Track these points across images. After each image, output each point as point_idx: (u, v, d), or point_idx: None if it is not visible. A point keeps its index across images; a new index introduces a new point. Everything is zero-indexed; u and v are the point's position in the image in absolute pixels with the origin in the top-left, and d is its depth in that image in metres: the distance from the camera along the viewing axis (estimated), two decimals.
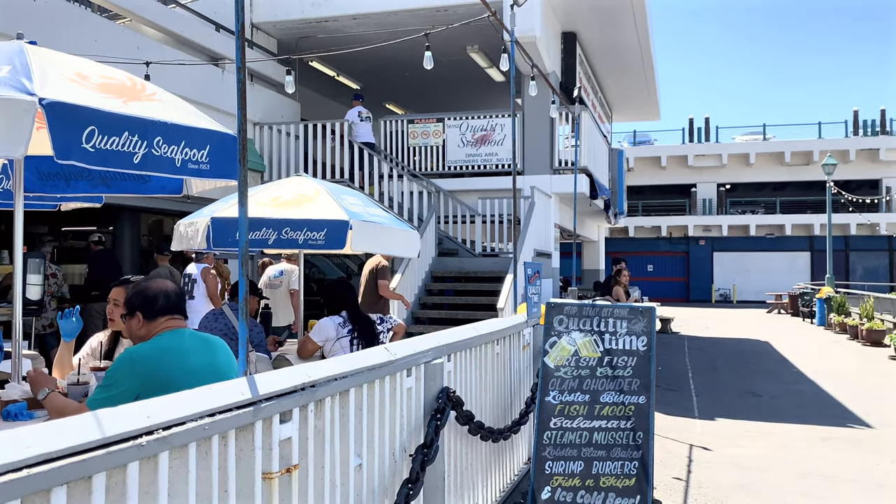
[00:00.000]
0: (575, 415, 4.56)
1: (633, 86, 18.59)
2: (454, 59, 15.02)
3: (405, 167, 13.49)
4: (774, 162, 40.10)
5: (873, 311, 19.38)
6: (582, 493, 4.32)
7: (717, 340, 18.54)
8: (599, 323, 4.79)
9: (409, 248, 5.98)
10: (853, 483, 6.14)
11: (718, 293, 40.54)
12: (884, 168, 38.12)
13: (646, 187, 41.67)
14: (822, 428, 8.42)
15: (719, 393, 10.84)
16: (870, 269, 38.98)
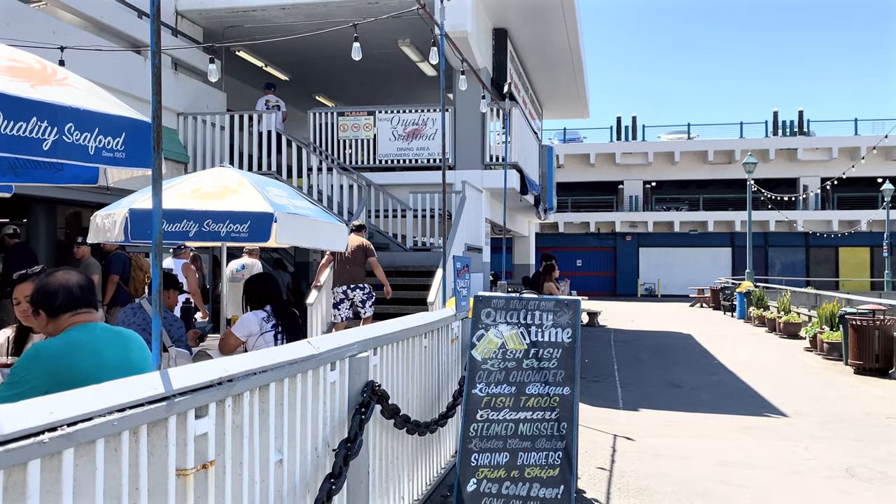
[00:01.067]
0: (501, 407, 4.59)
1: (563, 83, 18.85)
2: (386, 53, 14.94)
3: (335, 160, 13.35)
4: (698, 160, 41.31)
5: (790, 305, 20.18)
6: (507, 484, 4.36)
7: (641, 333, 18.99)
8: (526, 316, 4.83)
9: (337, 241, 5.92)
10: (770, 470, 6.37)
11: (644, 287, 41.58)
12: (801, 167, 39.73)
13: (575, 184, 42.36)
14: (741, 417, 8.72)
15: (643, 384, 11.11)
16: (787, 264, 40.60)
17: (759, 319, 21.31)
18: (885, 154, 38.70)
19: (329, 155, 13.52)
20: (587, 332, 19.28)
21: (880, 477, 6.17)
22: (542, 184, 16.76)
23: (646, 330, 19.89)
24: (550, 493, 4.30)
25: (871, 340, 12.40)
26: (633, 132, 42.70)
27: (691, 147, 41.16)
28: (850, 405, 9.63)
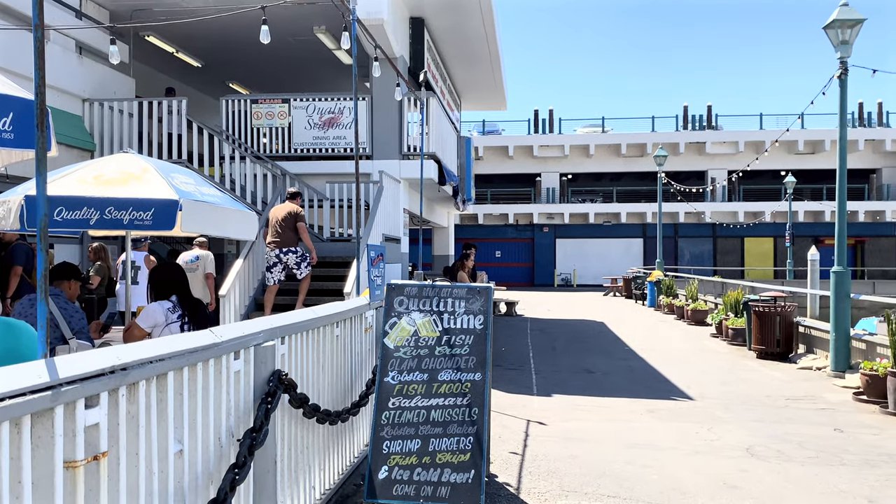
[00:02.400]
0: (413, 394, 4.60)
1: (481, 75, 18.97)
2: (302, 40, 14.69)
3: (249, 149, 13.06)
4: (612, 153, 42.36)
5: (697, 293, 20.95)
6: (419, 470, 4.37)
7: (557, 322, 19.36)
8: (439, 303, 4.85)
9: (247, 229, 5.79)
10: (675, 450, 6.60)
11: (560, 278, 42.40)
12: (709, 160, 41.25)
13: (494, 176, 42.79)
14: (649, 401, 9.00)
15: (557, 371, 11.33)
16: (696, 254, 42.12)
17: (669, 307, 22.03)
18: (787, 148, 40.58)
19: (242, 143, 13.22)
20: (505, 321, 19.54)
21: (777, 455, 6.48)
22: (460, 175, 16.85)
23: (561, 319, 20.29)
24: (461, 477, 4.33)
25: (772, 326, 12.98)
26: (550, 125, 43.44)
27: (605, 140, 42.15)
28: (752, 388, 10.07)
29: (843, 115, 10.96)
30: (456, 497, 4.30)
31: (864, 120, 41.54)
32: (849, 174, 10.79)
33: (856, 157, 40.17)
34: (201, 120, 13.28)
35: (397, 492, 4.33)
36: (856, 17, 10.54)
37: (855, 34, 10.67)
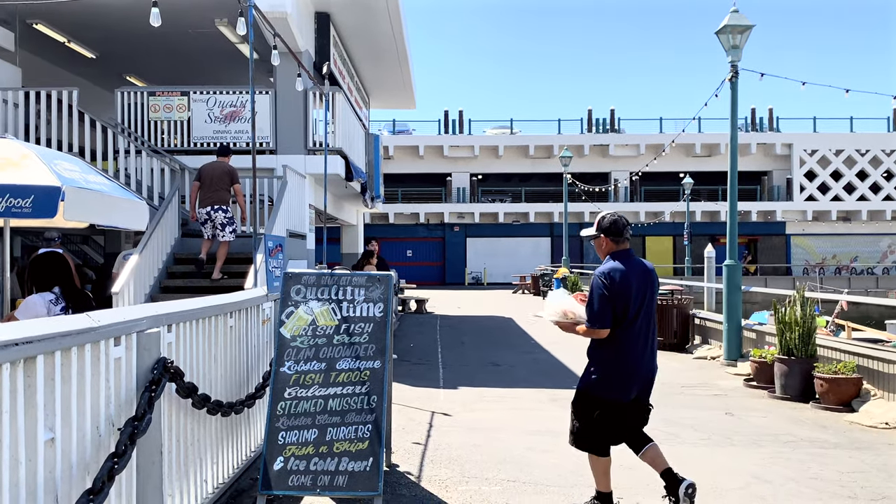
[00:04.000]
0: (310, 383, 4.52)
1: (389, 73, 18.91)
2: (203, 32, 14.27)
3: (146, 142, 12.59)
4: (520, 154, 43.07)
5: None
6: (315, 460, 4.30)
7: (466, 318, 19.52)
8: (338, 291, 4.79)
9: (136, 219, 5.56)
10: None
11: (471, 276, 42.80)
12: (613, 162, 42.48)
13: (405, 175, 42.80)
14: (552, 390, 9.17)
15: (464, 364, 11.41)
16: None
17: None
18: (685, 151, 42.22)
19: (139, 137, 12.73)
20: (415, 318, 19.56)
21: (671, 437, 6.71)
22: (368, 171, 16.74)
23: (471, 315, 20.46)
24: (359, 465, 4.28)
25: (670, 318, 13.46)
26: (460, 126, 43.79)
27: (514, 142, 42.81)
28: None
29: (734, 117, 11.47)
30: (354, 485, 4.25)
31: (756, 125, 43.67)
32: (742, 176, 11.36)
33: (748, 159, 42.17)
34: (95, 113, 12.70)
35: (293, 482, 4.25)
36: (745, 24, 11.05)
37: (744, 39, 11.18)
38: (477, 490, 5.03)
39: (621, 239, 4.66)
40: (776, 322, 9.18)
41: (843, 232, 43.11)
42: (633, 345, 4.42)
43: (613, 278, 4.40)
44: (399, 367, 10.95)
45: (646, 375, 4.50)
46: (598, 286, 4.43)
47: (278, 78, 12.76)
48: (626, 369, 4.42)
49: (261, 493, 4.28)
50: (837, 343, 9.22)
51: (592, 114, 43.78)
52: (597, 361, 4.54)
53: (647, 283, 4.51)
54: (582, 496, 4.94)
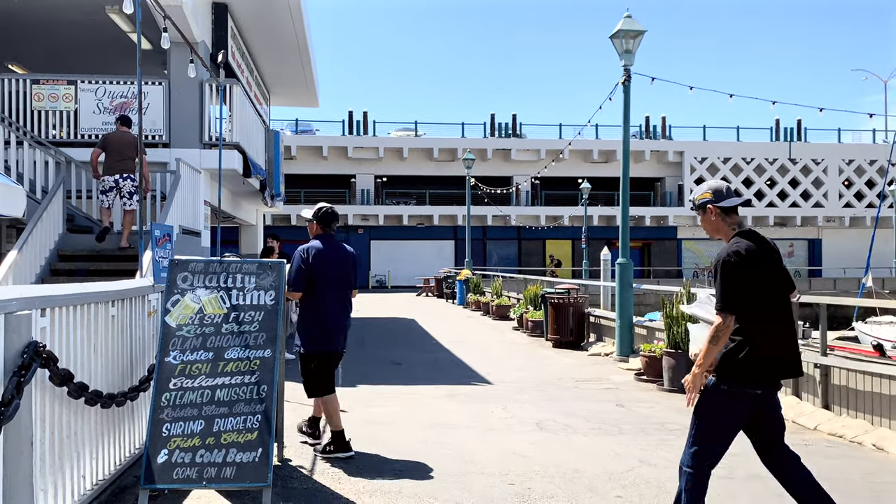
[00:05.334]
0: (197, 373, 4.38)
1: (291, 69, 18.57)
2: (94, 20, 13.64)
3: (27, 132, 11.92)
4: (425, 157, 43.26)
5: (502, 290, 21.87)
6: (202, 452, 4.16)
7: (368, 321, 19.41)
8: (227, 279, 4.66)
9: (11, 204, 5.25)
10: (470, 428, 6.81)
11: (375, 279, 42.63)
12: (515, 166, 43.21)
13: (308, 176, 42.22)
14: (451, 387, 9.24)
15: (365, 364, 11.33)
16: (503, 255, 43.96)
17: (476, 304, 22.82)
18: (584, 157, 43.47)
19: (21, 127, 12.04)
20: None
21: (565, 428, 6.87)
22: (268, 169, 16.41)
23: (373, 317, 20.35)
24: (248, 456, 4.17)
25: (566, 317, 13.80)
26: (365, 127, 43.60)
27: (419, 144, 42.97)
28: (547, 373, 10.63)
29: (626, 119, 11.89)
30: (242, 476, 4.14)
31: (650, 133, 45.42)
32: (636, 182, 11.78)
33: (642, 166, 43.81)
34: None
35: (178, 475, 4.10)
36: (638, 29, 11.47)
37: (637, 44, 11.60)
38: (371, 481, 5.00)
39: (328, 227, 6.15)
40: (664, 317, 9.56)
41: None
42: (329, 305, 5.74)
43: (309, 255, 5.77)
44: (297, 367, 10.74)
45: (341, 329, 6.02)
46: (297, 259, 5.74)
47: (172, 69, 12.33)
48: (326, 325, 5.78)
49: (143, 488, 4.11)
50: None
51: (495, 118, 44.47)
52: (304, 321, 5.76)
53: (345, 261, 6.08)
54: (472, 483, 4.98)
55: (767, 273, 3.85)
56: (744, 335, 3.72)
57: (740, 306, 3.69)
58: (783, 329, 3.84)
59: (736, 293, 3.70)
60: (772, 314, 3.81)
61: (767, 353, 3.74)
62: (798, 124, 45.82)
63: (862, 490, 4.94)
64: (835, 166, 45.04)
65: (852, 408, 6.97)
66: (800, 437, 6.57)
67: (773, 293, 3.86)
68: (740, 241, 3.85)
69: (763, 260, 3.85)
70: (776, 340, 3.80)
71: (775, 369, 3.81)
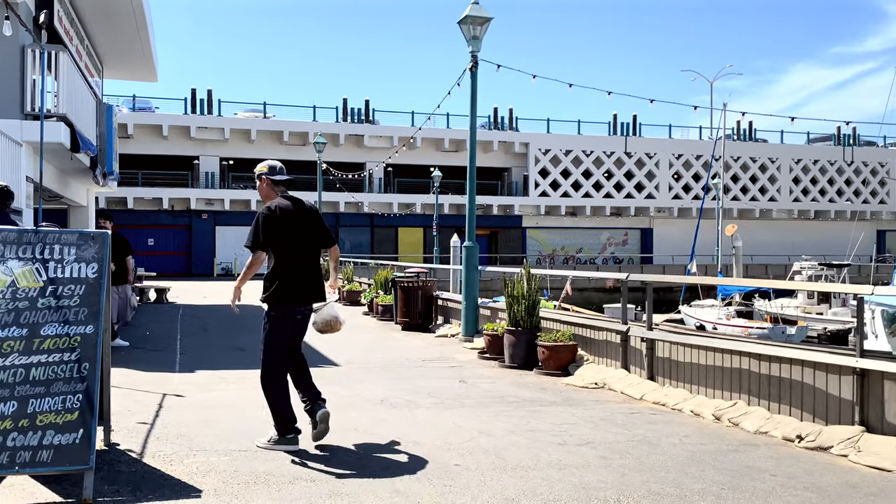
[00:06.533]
0: (9, 351, 4.02)
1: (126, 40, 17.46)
2: None
3: None
4: (274, 140, 42.16)
5: (353, 276, 21.78)
6: (14, 435, 3.84)
7: (212, 307, 18.72)
8: (44, 250, 4.31)
9: None
10: None
11: (221, 267, 41.14)
12: (367, 153, 43.04)
13: (147, 157, 40.07)
14: None
15: (205, 350, 10.94)
16: (356, 243, 43.75)
17: None
18: (435, 146, 44.04)
19: None
20: (154, 308, 18.37)
21: (408, 404, 6.94)
22: (100, 145, 15.37)
23: (218, 304, 19.64)
24: (67, 438, 3.89)
25: (416, 300, 13.93)
26: (209, 107, 41.86)
27: (268, 126, 41.82)
28: (395, 354, 10.70)
29: (473, 105, 12.11)
30: (60, 459, 3.85)
31: (498, 124, 46.67)
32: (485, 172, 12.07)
33: (491, 156, 45.01)
34: None
35: None
36: (485, 15, 11.69)
37: (484, 31, 11.83)
38: (205, 461, 4.82)
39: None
40: (506, 296, 9.85)
41: (570, 226, 47.57)
42: None
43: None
44: (131, 354, 10.23)
45: None
46: None
47: None
48: None
49: None
50: (558, 315, 10.12)
51: (348, 103, 44.05)
52: None
53: None
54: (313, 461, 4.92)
55: (296, 227, 5.27)
56: (278, 272, 5.17)
57: (267, 248, 5.18)
58: (309, 270, 5.31)
59: (266, 237, 5.18)
60: (299, 258, 5.25)
61: (296, 285, 5.20)
62: (633, 120, 48.70)
63: (680, 452, 5.32)
64: (665, 160, 48.28)
65: (674, 378, 7.49)
66: (627, 407, 6.99)
67: (302, 243, 5.29)
68: (279, 200, 5.35)
69: (293, 217, 5.29)
70: (302, 277, 5.25)
71: (303, 296, 5.27)
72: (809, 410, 5.98)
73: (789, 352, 6.24)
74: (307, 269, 5.31)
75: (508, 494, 4.28)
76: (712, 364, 6.98)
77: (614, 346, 8.53)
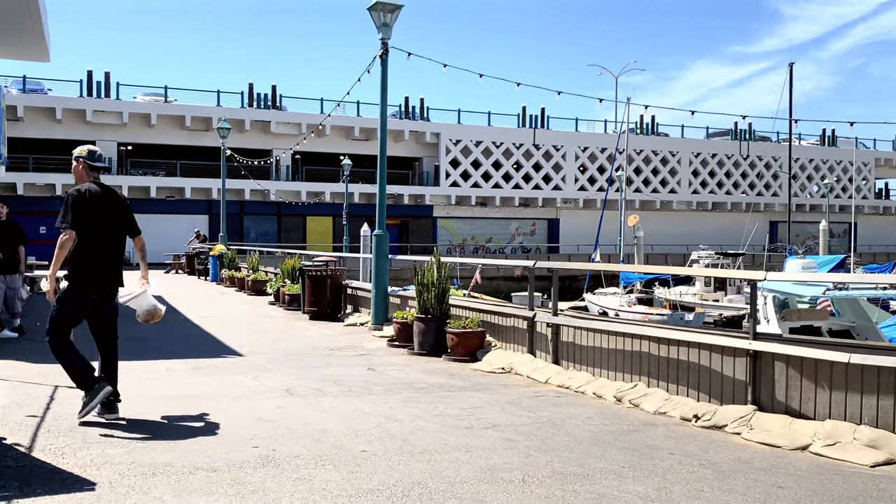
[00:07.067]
0: None
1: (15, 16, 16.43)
2: None
3: None
4: (176, 125, 40.72)
5: (258, 265, 21.31)
6: None
7: None
8: None
9: None
10: (216, 398, 6.54)
11: None
12: (274, 140, 42.12)
13: (38, 141, 38.04)
14: (199, 360, 8.84)
15: None
16: (262, 232, 42.82)
17: (231, 280, 22.02)
18: (345, 133, 43.56)
19: None
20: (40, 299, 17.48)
21: (315, 392, 6.84)
22: None
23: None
24: None
25: (324, 289, 13.75)
26: (107, 89, 40.02)
27: (169, 111, 40.37)
28: (302, 343, 10.54)
29: (384, 91, 12.01)
30: None
31: (409, 114, 46.55)
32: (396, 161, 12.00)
33: (402, 146, 44.89)
34: None
35: None
36: (395, 3, 11.60)
37: (395, 18, 11.74)
38: (100, 453, 4.61)
39: None
40: (416, 284, 9.86)
41: (480, 216, 48.04)
42: None
43: None
44: (22, 345, 9.72)
45: None
46: None
47: None
48: None
49: None
50: (467, 302, 10.20)
51: (254, 88, 42.98)
52: None
53: None
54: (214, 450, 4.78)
55: (104, 213, 5.52)
56: (82, 255, 5.41)
57: (77, 228, 5.34)
58: (111, 256, 5.60)
59: (75, 217, 5.35)
60: (103, 243, 5.52)
61: (97, 269, 5.48)
62: (542, 113, 49.50)
63: (583, 433, 5.45)
64: (572, 153, 49.35)
65: (578, 362, 7.67)
66: (533, 390, 7.11)
67: (107, 229, 5.56)
68: (90, 185, 5.53)
69: (102, 203, 5.52)
70: (104, 262, 5.52)
71: (103, 281, 5.55)
72: (706, 391, 6.23)
73: (687, 335, 6.48)
74: (110, 254, 5.59)
75: (415, 478, 4.27)
76: (614, 348, 7.18)
77: (521, 332, 8.66)
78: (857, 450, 4.92)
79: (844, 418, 5.26)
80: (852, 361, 5.18)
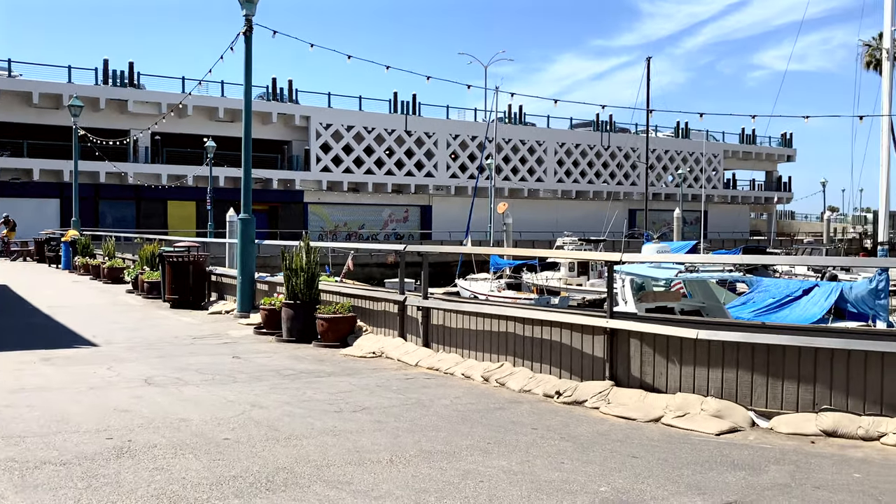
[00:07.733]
0: None
1: None
2: None
3: None
4: (22, 102, 37.78)
5: (115, 252, 20.19)
6: None
7: None
8: None
9: None
10: (67, 390, 6.16)
11: None
12: (132, 120, 39.84)
13: None
14: (49, 351, 8.29)
15: None
16: (119, 217, 40.52)
17: (85, 268, 20.75)
18: (209, 114, 41.88)
19: None
20: None
21: (175, 382, 6.57)
22: None
23: None
24: None
25: (186, 276, 13.18)
26: None
27: (13, 87, 37.37)
28: (163, 332, 10.09)
29: (248, 70, 11.63)
30: None
31: (277, 96, 45.34)
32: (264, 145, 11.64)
33: (270, 128, 43.73)
34: None
35: None
36: None
37: None
38: None
39: None
40: (284, 269, 9.64)
41: (352, 202, 47.62)
42: None
43: None
44: None
45: None
46: None
47: None
48: None
49: None
50: (338, 287, 10.10)
51: (109, 65, 40.51)
52: None
53: None
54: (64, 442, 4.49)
55: None
56: None
57: None
58: None
59: None
60: None
61: None
62: (413, 99, 49.57)
63: (451, 413, 5.53)
64: (444, 140, 49.81)
65: (448, 344, 7.77)
66: (403, 373, 7.14)
67: None
68: None
69: None
70: None
71: None
72: (567, 369, 6.47)
73: (550, 315, 6.70)
74: None
75: (281, 463, 4.19)
76: (482, 329, 7.32)
77: (392, 316, 8.67)
78: (704, 420, 5.26)
79: (693, 391, 5.62)
80: (700, 337, 5.53)
